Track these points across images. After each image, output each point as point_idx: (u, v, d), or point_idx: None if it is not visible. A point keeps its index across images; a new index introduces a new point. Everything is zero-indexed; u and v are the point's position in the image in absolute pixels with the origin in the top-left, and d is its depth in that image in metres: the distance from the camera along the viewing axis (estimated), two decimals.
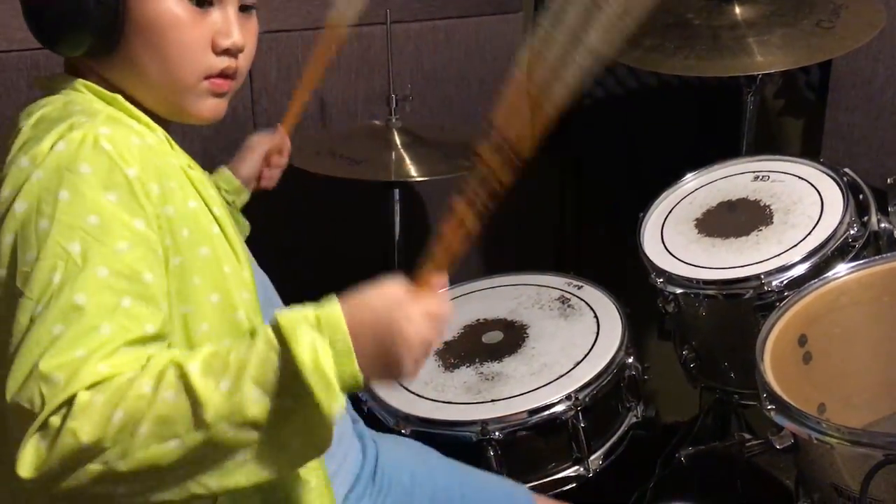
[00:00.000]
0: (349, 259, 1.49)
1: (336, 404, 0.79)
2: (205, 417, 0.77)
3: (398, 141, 1.77)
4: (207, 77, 0.97)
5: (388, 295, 0.84)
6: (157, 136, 0.96)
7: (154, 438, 0.77)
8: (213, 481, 0.80)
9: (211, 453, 0.79)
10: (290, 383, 0.78)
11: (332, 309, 0.82)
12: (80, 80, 0.96)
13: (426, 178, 1.72)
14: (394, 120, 1.79)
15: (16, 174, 0.86)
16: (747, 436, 1.57)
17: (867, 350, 1.32)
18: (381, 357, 0.82)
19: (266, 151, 1.46)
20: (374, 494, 1.16)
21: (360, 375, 0.81)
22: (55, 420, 0.77)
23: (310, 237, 1.42)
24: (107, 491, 0.79)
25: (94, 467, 0.77)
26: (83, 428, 0.76)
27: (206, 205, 0.96)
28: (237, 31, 0.97)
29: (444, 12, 2.09)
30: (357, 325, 0.81)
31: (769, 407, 1.13)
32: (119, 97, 0.95)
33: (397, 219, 1.82)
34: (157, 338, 0.85)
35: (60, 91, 0.96)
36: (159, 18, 0.93)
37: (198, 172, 0.99)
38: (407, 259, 2.01)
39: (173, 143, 0.98)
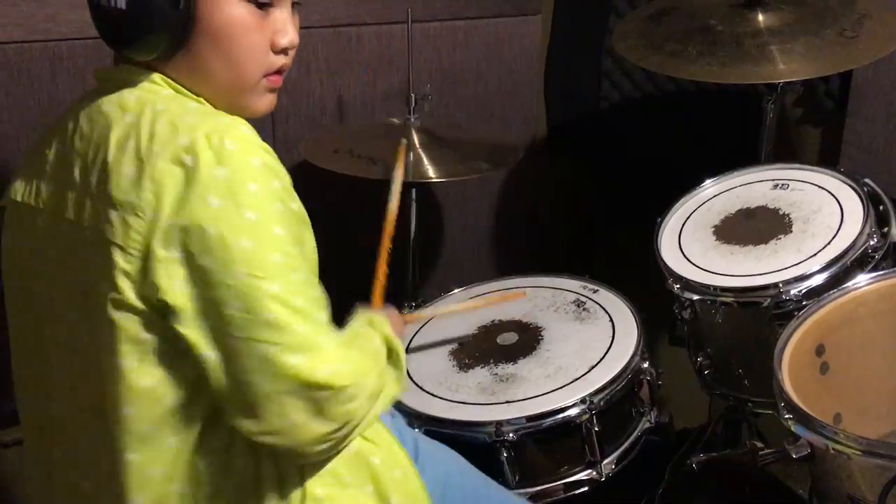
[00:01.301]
0: (365, 257, 1.49)
1: (403, 353, 1.11)
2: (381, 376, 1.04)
3: (416, 140, 1.77)
4: (266, 75, 1.02)
5: (387, 315, 1.16)
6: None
7: (373, 399, 1.01)
8: (380, 405, 1.03)
9: (380, 383, 1.04)
10: (389, 348, 1.08)
11: (382, 318, 1.12)
12: (163, 78, 0.99)
13: (443, 180, 1.73)
14: (412, 119, 1.79)
15: (174, 172, 0.90)
16: (760, 444, 1.57)
17: (885, 361, 1.32)
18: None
19: None
20: None
21: (399, 350, 1.10)
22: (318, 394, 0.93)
23: (326, 235, 1.42)
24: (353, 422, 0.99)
25: (350, 434, 0.99)
26: (341, 402, 0.95)
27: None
28: (293, 29, 1.02)
29: (464, 13, 2.10)
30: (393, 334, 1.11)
31: (787, 416, 1.13)
32: (202, 99, 1.00)
33: (413, 218, 1.83)
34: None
35: (137, 84, 0.98)
36: (229, 23, 0.97)
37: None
38: (423, 258, 2.01)
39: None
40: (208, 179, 0.89)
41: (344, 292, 1.15)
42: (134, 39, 0.95)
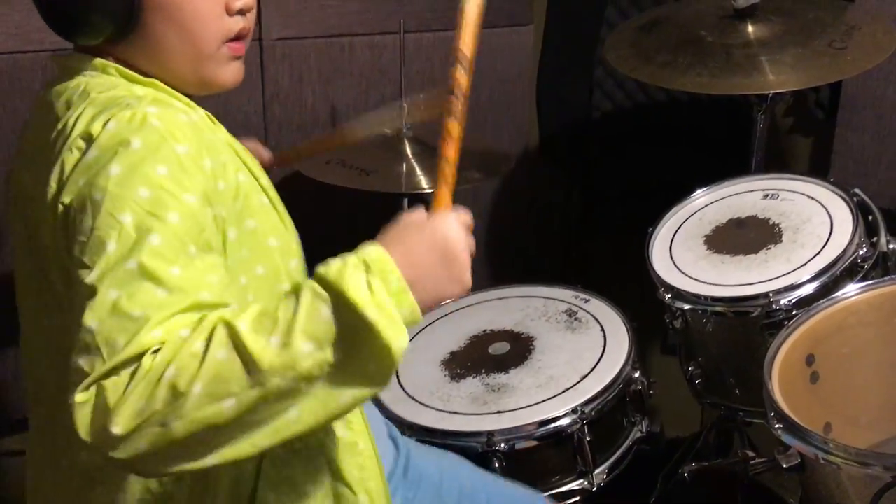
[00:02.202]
0: None
1: (402, 337, 0.79)
2: (258, 375, 0.77)
3: (409, 150, 1.77)
4: (226, 41, 0.98)
5: (422, 220, 0.88)
6: (199, 114, 0.97)
7: (209, 398, 0.77)
8: (266, 439, 0.80)
9: (264, 410, 0.78)
10: (347, 329, 0.78)
11: (376, 250, 0.83)
12: (111, 64, 0.96)
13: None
14: (405, 129, 1.80)
15: (72, 157, 0.88)
16: (751, 453, 1.58)
17: (875, 371, 1.32)
18: (436, 278, 0.85)
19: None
20: (406, 488, 1.20)
21: (417, 308, 0.82)
22: (110, 383, 0.78)
23: (318, 246, 1.42)
24: (164, 457, 0.79)
25: (151, 430, 0.77)
26: (136, 390, 0.77)
27: (255, 176, 0.99)
28: None
29: (456, 23, 2.10)
30: (404, 256, 0.83)
31: (777, 426, 1.13)
32: (156, 81, 0.96)
33: None
34: (211, 306, 0.84)
35: (87, 73, 0.96)
36: None
37: (240, 145, 1.00)
38: None
39: (215, 119, 1.00)
40: (79, 162, 0.87)
41: None
42: (78, 24, 0.93)
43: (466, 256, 0.87)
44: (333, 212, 1.87)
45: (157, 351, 0.79)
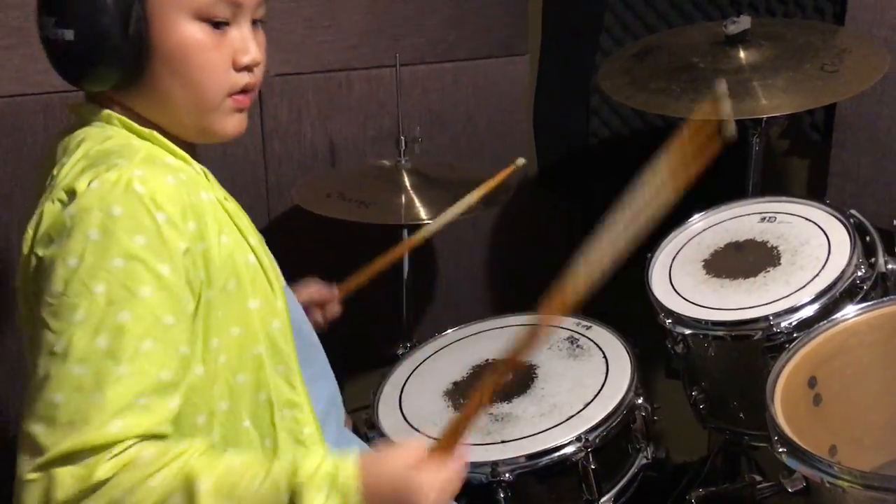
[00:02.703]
0: (358, 303, 1.50)
1: None
2: None
3: (407, 182, 1.79)
4: (230, 94, 0.99)
5: (406, 469, 0.92)
6: (193, 170, 0.98)
7: None
8: None
9: None
10: None
11: (349, 472, 0.88)
12: (116, 115, 0.97)
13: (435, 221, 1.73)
14: (403, 161, 1.81)
15: (53, 209, 0.89)
16: (758, 478, 1.57)
17: (877, 391, 1.32)
18: None
19: (309, 299, 1.39)
20: None
21: None
22: (64, 474, 0.80)
23: (320, 277, 1.43)
24: None
25: None
26: (86, 501, 0.80)
27: (243, 235, 0.99)
28: (254, 46, 1.00)
29: (452, 55, 2.13)
30: (371, 492, 0.89)
31: (780, 450, 1.13)
32: (155, 133, 0.97)
33: (406, 257, 1.84)
34: (171, 386, 0.86)
35: (93, 123, 0.97)
36: (183, 45, 0.95)
37: (233, 204, 1.01)
38: (418, 298, 2.02)
39: (210, 175, 1.01)
40: (58, 218, 0.87)
41: (333, 339, 1.16)
42: (86, 71, 0.94)
43: None
44: (333, 244, 1.88)
45: (115, 456, 0.81)
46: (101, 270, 0.85)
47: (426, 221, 1.74)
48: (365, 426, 1.50)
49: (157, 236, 0.87)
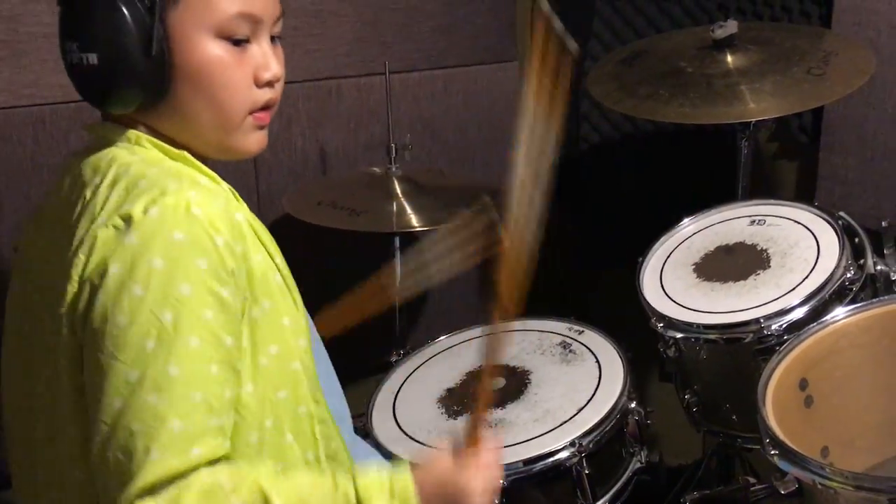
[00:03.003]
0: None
1: None
2: None
3: (398, 190, 1.79)
4: (252, 112, 0.99)
5: (452, 470, 0.97)
6: (223, 190, 0.98)
7: None
8: None
9: None
10: None
11: (405, 479, 0.94)
12: (144, 136, 0.98)
13: (427, 228, 1.74)
14: (394, 168, 1.82)
15: (108, 235, 0.88)
16: (752, 479, 1.57)
17: (868, 392, 1.33)
18: None
19: None
20: None
21: None
22: (148, 501, 0.82)
23: (310, 289, 1.43)
24: None
25: None
26: None
27: (270, 255, 0.99)
28: (275, 63, 1.00)
29: (442, 62, 2.14)
30: (427, 493, 0.94)
31: (772, 452, 1.13)
32: (186, 154, 0.98)
33: (398, 265, 1.84)
34: (231, 404, 0.89)
35: (118, 143, 0.97)
36: (206, 63, 0.95)
37: (258, 223, 1.01)
38: (410, 306, 2.02)
39: (238, 196, 1.00)
40: (118, 246, 0.87)
41: (327, 348, 1.15)
42: (111, 94, 0.94)
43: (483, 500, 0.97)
44: (324, 253, 1.88)
45: (195, 483, 0.83)
46: (169, 298, 0.85)
47: (418, 229, 1.74)
48: (360, 435, 1.50)
49: (217, 259, 0.88)
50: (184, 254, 0.87)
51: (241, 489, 0.86)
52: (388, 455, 1.40)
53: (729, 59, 1.67)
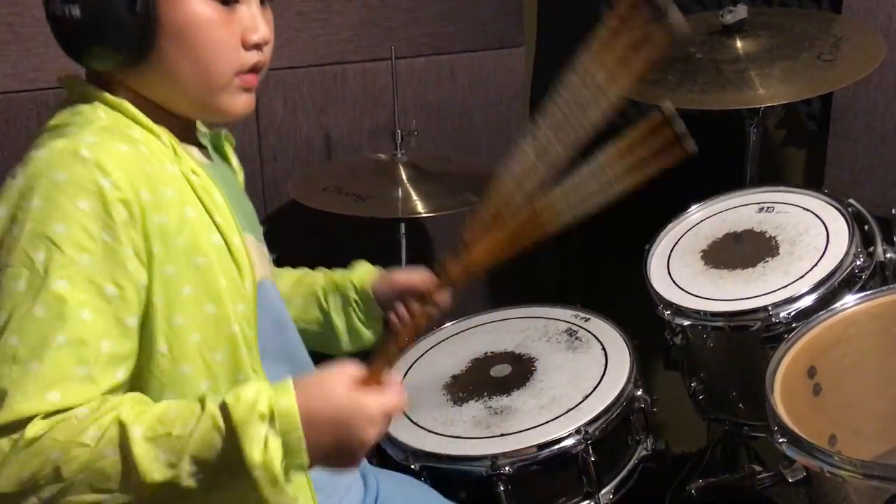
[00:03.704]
0: None
1: (282, 496, 0.83)
2: (138, 484, 0.81)
3: (404, 175, 1.78)
4: (238, 73, 0.98)
5: (347, 392, 0.86)
6: (160, 142, 0.95)
7: (88, 488, 0.82)
8: None
9: None
10: (233, 468, 0.82)
11: (288, 402, 0.84)
12: (92, 89, 0.96)
13: (433, 214, 1.74)
14: (399, 154, 1.81)
15: (6, 182, 0.88)
16: (758, 468, 1.57)
17: (877, 380, 1.32)
18: (335, 450, 0.86)
19: (409, 284, 1.28)
20: None
21: (306, 465, 0.85)
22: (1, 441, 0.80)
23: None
24: None
25: (30, 499, 0.82)
26: (19, 458, 0.80)
27: (208, 212, 0.96)
28: (263, 25, 0.98)
29: (448, 47, 2.13)
30: (313, 420, 0.84)
31: (780, 440, 1.13)
32: (126, 103, 0.95)
33: (404, 251, 1.83)
34: (114, 357, 0.86)
35: (73, 99, 0.96)
36: (191, 21, 0.93)
37: (202, 179, 0.97)
38: None
39: (178, 148, 0.97)
40: (7, 189, 0.87)
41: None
42: (92, 49, 0.92)
43: (370, 444, 0.87)
44: (330, 238, 1.88)
45: (49, 416, 0.81)
46: (42, 237, 0.83)
47: (424, 215, 1.73)
48: None
49: (100, 202, 0.85)
50: (62, 193, 0.84)
51: (97, 421, 0.82)
52: (395, 443, 1.40)
53: (738, 44, 1.66)
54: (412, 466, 1.36)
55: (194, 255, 0.93)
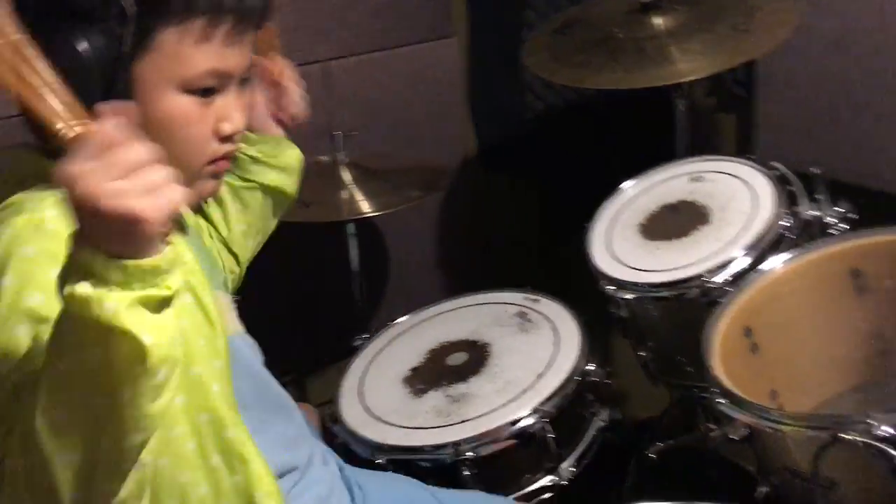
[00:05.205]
0: (311, 295, 1.52)
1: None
2: None
3: (348, 176, 1.80)
4: (210, 162, 0.96)
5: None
6: None
7: None
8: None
9: None
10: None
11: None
12: (46, 163, 0.88)
13: (378, 213, 1.76)
14: (340, 156, 1.83)
15: None
16: (712, 426, 1.63)
17: (811, 335, 1.38)
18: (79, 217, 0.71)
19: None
20: None
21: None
22: None
23: (262, 283, 1.45)
24: None
25: None
26: None
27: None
28: (238, 115, 0.96)
29: (380, 44, 2.14)
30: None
31: (720, 401, 1.18)
32: None
33: (356, 252, 1.86)
34: None
35: (25, 171, 0.91)
36: (167, 117, 0.91)
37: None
38: (370, 290, 2.05)
39: None
40: None
41: (292, 337, 1.18)
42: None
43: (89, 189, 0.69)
44: (276, 247, 1.89)
45: None
46: (20, 312, 0.82)
47: (371, 214, 1.76)
48: (329, 420, 1.53)
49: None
50: (35, 266, 0.82)
51: None
52: (359, 440, 1.44)
53: (657, 21, 1.70)
54: (378, 462, 1.40)
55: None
